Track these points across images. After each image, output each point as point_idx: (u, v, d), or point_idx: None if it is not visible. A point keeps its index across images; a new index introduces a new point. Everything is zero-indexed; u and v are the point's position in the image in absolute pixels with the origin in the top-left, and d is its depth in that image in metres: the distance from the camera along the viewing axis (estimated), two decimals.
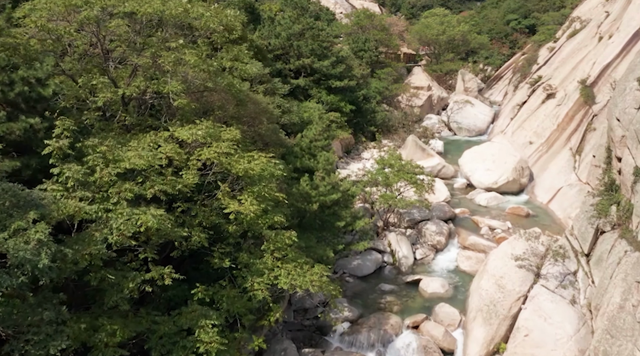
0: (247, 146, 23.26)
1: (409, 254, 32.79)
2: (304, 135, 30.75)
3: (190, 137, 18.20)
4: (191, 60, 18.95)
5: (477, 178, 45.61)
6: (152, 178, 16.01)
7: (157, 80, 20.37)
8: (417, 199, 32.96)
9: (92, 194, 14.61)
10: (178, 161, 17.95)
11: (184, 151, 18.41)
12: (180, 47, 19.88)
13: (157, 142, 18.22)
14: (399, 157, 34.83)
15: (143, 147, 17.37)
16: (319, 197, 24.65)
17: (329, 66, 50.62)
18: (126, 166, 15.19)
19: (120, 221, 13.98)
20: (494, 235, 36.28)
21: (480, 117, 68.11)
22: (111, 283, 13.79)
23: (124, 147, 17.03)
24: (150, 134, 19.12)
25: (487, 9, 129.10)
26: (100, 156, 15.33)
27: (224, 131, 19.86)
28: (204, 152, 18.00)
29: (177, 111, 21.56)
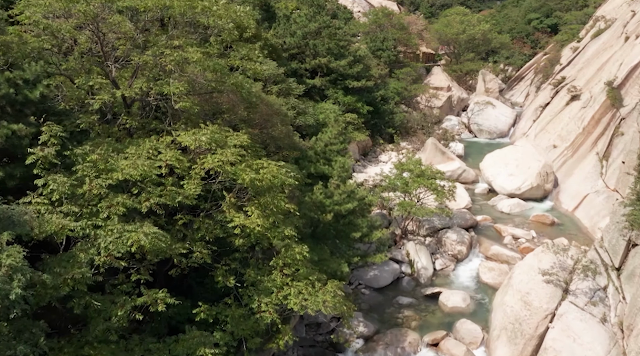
0: (257, 151, 21.76)
1: (429, 264, 31.09)
2: (318, 138, 29.18)
3: (193, 143, 16.74)
4: (194, 57, 17.42)
5: (499, 183, 43.69)
6: (147, 189, 14.53)
7: (160, 80, 19.00)
8: (438, 208, 31.20)
9: (80, 209, 13.12)
10: (180, 169, 16.50)
11: (186, 159, 16.95)
12: (185, 45, 18.42)
13: (158, 149, 16.78)
14: (419, 161, 33.10)
15: (140, 154, 15.94)
16: (333, 206, 23.06)
17: (346, 65, 48.87)
18: (119, 177, 13.70)
19: (109, 239, 12.50)
20: (518, 245, 34.48)
21: (502, 119, 66.06)
22: (98, 309, 12.29)
23: (120, 155, 15.60)
24: (151, 139, 17.71)
25: (508, 8, 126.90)
26: (90, 166, 13.86)
27: (231, 136, 18.37)
28: (208, 160, 16.51)
29: (182, 114, 20.14)
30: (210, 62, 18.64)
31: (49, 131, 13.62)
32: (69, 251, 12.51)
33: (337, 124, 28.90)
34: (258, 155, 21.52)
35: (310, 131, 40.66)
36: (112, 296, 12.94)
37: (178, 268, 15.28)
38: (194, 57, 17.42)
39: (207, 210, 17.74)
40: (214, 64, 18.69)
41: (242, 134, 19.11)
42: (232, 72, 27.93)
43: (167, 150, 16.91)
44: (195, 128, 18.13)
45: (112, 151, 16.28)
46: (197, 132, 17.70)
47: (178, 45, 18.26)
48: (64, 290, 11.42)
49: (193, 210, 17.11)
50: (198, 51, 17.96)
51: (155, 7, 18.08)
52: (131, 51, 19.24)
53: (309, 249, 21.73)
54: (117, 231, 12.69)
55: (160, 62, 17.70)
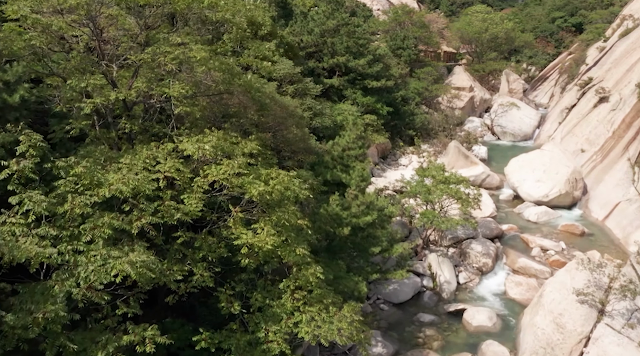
0: (268, 158, 20.01)
1: (452, 278, 29.12)
2: (336, 143, 27.36)
3: (195, 152, 15.01)
4: (197, 56, 15.67)
5: (525, 190, 41.43)
6: (140, 206, 12.79)
7: (163, 81, 17.35)
8: (463, 218, 29.18)
9: (59, 231, 11.39)
10: (180, 181, 14.79)
11: (188, 170, 15.24)
12: (189, 42, 16.69)
13: (156, 158, 15.07)
14: (442, 167, 31.10)
15: (135, 164, 14.24)
16: (350, 219, 21.20)
17: (365, 64, 46.86)
18: (105, 193, 11.96)
19: (90, 267, 10.75)
20: (547, 257, 32.36)
21: (526, 121, 63.70)
22: (75, 351, 10.53)
23: (112, 165, 13.89)
24: (150, 146, 16.01)
25: (530, 6, 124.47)
26: (73, 181, 12.14)
27: (239, 144, 16.64)
28: (211, 171, 14.78)
29: (187, 118, 18.47)
30: (216, 61, 16.87)
31: (27, 141, 11.91)
32: (44, 281, 10.78)
33: (355, 128, 26.98)
34: (269, 163, 19.80)
35: (327, 133, 38.89)
36: (93, 333, 11.17)
37: (175, 294, 13.54)
38: (198, 56, 15.65)
39: (211, 225, 16.07)
40: (220, 63, 16.91)
41: (252, 141, 17.42)
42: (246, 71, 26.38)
43: (168, 159, 15.24)
44: (200, 134, 16.47)
45: (105, 161, 14.63)
46: (201, 139, 16.02)
47: (181, 43, 16.53)
48: (34, 332, 9.70)
49: (195, 225, 15.41)
50: (202, 49, 16.17)
51: (156, 0, 16.38)
52: (132, 49, 17.64)
53: (323, 265, 20.05)
54: (101, 258, 10.97)
55: (160, 62, 15.95)
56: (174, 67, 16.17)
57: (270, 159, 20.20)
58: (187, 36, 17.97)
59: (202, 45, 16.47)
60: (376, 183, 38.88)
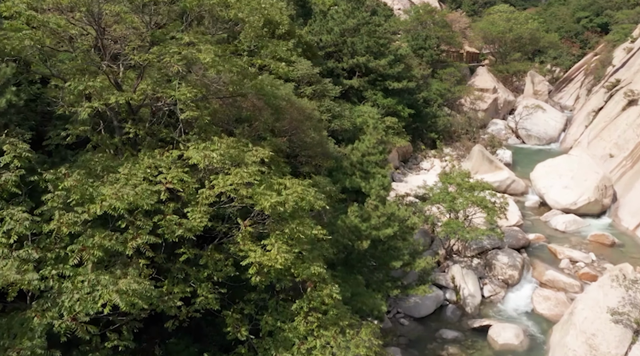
0: (281, 166, 18.69)
1: (476, 291, 27.59)
2: (355, 148, 26.00)
3: (201, 161, 13.75)
4: (207, 58, 14.39)
5: (552, 197, 39.61)
6: (137, 223, 11.53)
7: (171, 82, 16.15)
8: (489, 228, 27.61)
9: (43, 253, 10.15)
10: (184, 193, 13.54)
11: (194, 180, 13.99)
12: (198, 42, 15.42)
13: (159, 167, 13.84)
14: (467, 174, 29.54)
15: (135, 175, 13.01)
16: (370, 231, 19.80)
17: (386, 65, 45.25)
18: (96, 210, 10.70)
19: (76, 296, 9.51)
20: (576, 270, 30.62)
21: (551, 124, 61.71)
22: None
23: (109, 176, 12.67)
24: (154, 153, 14.81)
25: (554, 6, 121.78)
26: (62, 196, 10.90)
27: (250, 151, 15.35)
28: (218, 182, 13.51)
29: (195, 122, 17.23)
30: (226, 62, 15.58)
31: (12, 151, 10.71)
32: (24, 312, 9.54)
33: (376, 132, 25.60)
34: (282, 171, 18.49)
35: (346, 135, 37.50)
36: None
37: (176, 320, 12.27)
38: (206, 58, 14.36)
39: (218, 239, 14.83)
40: (230, 64, 15.62)
41: (264, 148, 16.14)
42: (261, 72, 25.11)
43: (172, 168, 14.00)
44: (208, 141, 15.23)
45: (102, 170, 13.42)
46: (209, 146, 14.78)
47: (190, 43, 15.27)
48: None
49: (203, 236, 14.17)
50: (212, 49, 14.89)
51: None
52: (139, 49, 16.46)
53: (340, 280, 18.74)
54: (89, 284, 9.72)
55: (165, 63, 14.72)
56: (181, 69, 14.95)
57: (284, 167, 18.88)
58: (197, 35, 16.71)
59: (212, 46, 15.16)
60: (397, 188, 37.40)
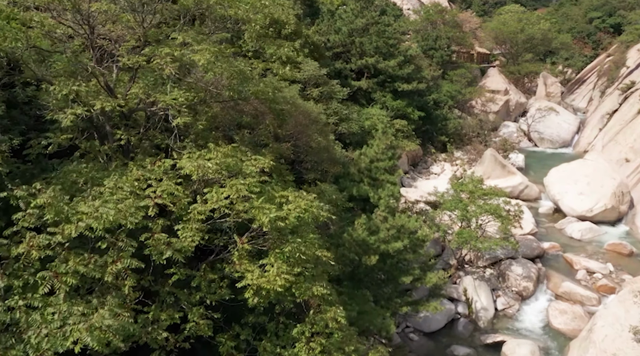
0: (283, 175, 17.50)
1: (489, 304, 26.30)
2: (363, 153, 24.78)
3: (195, 171, 12.57)
4: (201, 60, 13.19)
5: (567, 204, 38.13)
6: (119, 244, 10.34)
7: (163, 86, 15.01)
8: (503, 238, 26.30)
9: (9, 281, 8.98)
10: (175, 208, 12.35)
11: (188, 192, 12.82)
12: (192, 42, 14.22)
13: (148, 179, 12.67)
14: (480, 180, 28.22)
15: (121, 188, 11.84)
16: (378, 244, 18.56)
17: (395, 66, 43.91)
18: (71, 231, 9.52)
19: (44, 331, 8.34)
20: (593, 281, 29.22)
21: (564, 127, 60.18)
22: None
23: (91, 191, 11.50)
24: (146, 162, 13.65)
25: (566, 6, 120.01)
26: (35, 215, 9.72)
27: (249, 160, 14.14)
28: (212, 196, 12.32)
29: (192, 128, 16.08)
30: (224, 64, 14.37)
31: None
32: None
33: (385, 137, 24.31)
34: (284, 180, 17.31)
35: (354, 139, 36.30)
36: None
37: (162, 350, 11.07)
38: (201, 60, 13.17)
39: (214, 256, 13.65)
40: (228, 66, 14.42)
41: (264, 157, 14.95)
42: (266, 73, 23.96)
43: (164, 179, 12.84)
44: (204, 149, 14.07)
45: (85, 183, 12.26)
46: (204, 155, 13.61)
47: (184, 43, 14.08)
48: None
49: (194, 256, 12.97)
50: (207, 50, 13.69)
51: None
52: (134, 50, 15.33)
53: (346, 297, 17.59)
54: (60, 317, 8.55)
55: (156, 65, 13.55)
56: (173, 71, 13.77)
57: (287, 175, 17.68)
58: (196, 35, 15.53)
59: (210, 46, 13.95)
60: (406, 194, 36.15)
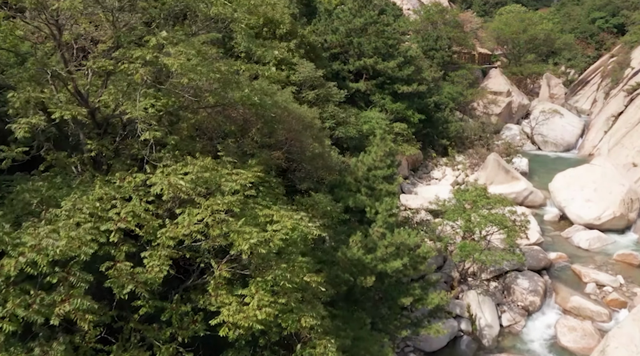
0: (273, 188, 16.00)
1: (494, 320, 24.78)
2: (360, 160, 23.29)
3: (167, 189, 11.10)
4: (175, 64, 11.68)
5: (574, 211, 36.52)
6: (70, 279, 8.87)
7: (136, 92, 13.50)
8: (510, 252, 24.74)
9: None
10: (143, 231, 10.89)
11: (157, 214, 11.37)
12: (167, 43, 12.71)
13: (113, 197, 11.19)
14: (484, 190, 26.69)
15: (80, 210, 10.38)
16: (376, 263, 17.04)
17: (395, 67, 42.36)
18: (9, 269, 8.03)
19: None
20: (603, 295, 27.63)
21: (569, 129, 58.64)
22: None
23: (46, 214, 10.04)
24: (115, 177, 12.19)
25: (568, 6, 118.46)
26: None
27: (230, 175, 12.65)
28: (184, 218, 10.85)
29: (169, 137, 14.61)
30: (204, 68, 12.86)
31: None
32: None
33: (383, 143, 22.83)
34: (273, 193, 15.80)
35: (352, 143, 34.79)
36: None
37: None
38: (174, 64, 11.66)
39: (192, 282, 12.21)
40: (208, 71, 12.90)
41: (250, 169, 13.51)
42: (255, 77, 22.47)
43: (134, 197, 11.39)
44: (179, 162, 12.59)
45: (41, 203, 10.79)
46: (179, 168, 12.15)
47: (160, 44, 12.57)
48: None
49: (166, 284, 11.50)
50: (184, 53, 12.19)
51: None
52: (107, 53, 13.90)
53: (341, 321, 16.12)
54: None
55: (126, 70, 12.08)
56: (146, 77, 12.28)
57: (276, 188, 16.17)
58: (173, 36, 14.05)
59: (185, 48, 12.44)
60: (406, 201, 34.67)
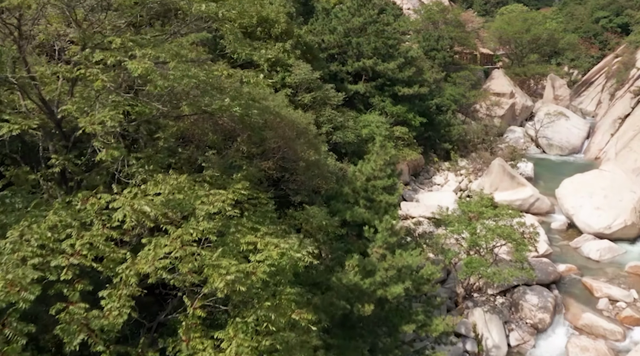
0: (262, 205, 14.35)
1: (501, 340, 23.14)
2: (358, 170, 21.68)
3: (129, 216, 9.52)
4: (138, 69, 10.05)
5: (583, 219, 34.76)
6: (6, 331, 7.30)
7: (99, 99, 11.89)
8: (519, 268, 23.08)
9: None
10: (102, 267, 9.30)
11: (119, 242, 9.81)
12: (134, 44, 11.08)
13: (69, 225, 9.59)
14: (491, 200, 25.07)
15: (28, 242, 8.81)
16: (375, 288, 15.41)
17: (395, 68, 40.63)
18: None
19: None
20: (616, 311, 25.89)
21: (574, 132, 56.97)
22: None
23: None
24: (76, 198, 10.63)
25: (570, 6, 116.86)
26: None
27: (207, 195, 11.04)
28: (147, 253, 9.25)
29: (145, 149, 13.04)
30: (177, 73, 11.24)
31: None
32: None
33: (383, 151, 21.21)
34: (261, 212, 14.13)
35: (350, 149, 33.21)
36: None
37: None
38: (137, 69, 10.04)
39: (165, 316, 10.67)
40: (181, 76, 11.27)
41: (233, 186, 11.93)
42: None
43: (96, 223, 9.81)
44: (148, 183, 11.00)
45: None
46: (150, 189, 10.58)
47: (122, 46, 10.93)
48: None
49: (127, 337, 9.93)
50: (150, 56, 10.57)
51: None
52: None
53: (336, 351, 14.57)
54: None
55: (78, 75, 10.47)
56: (108, 84, 10.66)
57: (264, 205, 14.49)
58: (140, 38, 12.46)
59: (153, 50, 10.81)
60: (407, 210, 33.06)
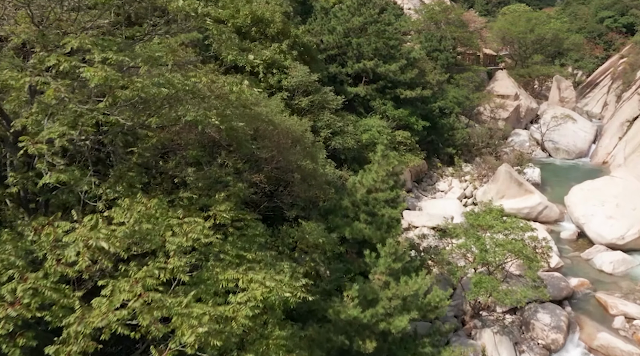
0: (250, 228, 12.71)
1: None
2: (359, 181, 20.09)
3: (83, 254, 7.94)
4: (95, 77, 8.42)
5: (594, 229, 32.97)
6: None
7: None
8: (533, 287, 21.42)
9: None
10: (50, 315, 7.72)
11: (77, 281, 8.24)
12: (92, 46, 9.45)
13: (12, 264, 8.01)
14: (501, 211, 23.41)
15: None
16: (376, 320, 13.76)
17: (396, 70, 38.93)
18: None
19: None
20: (634, 331, 24.19)
21: (581, 135, 55.21)
22: None
23: None
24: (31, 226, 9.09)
25: (574, 5, 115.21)
26: None
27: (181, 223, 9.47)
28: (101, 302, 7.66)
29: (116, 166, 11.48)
30: (146, 81, 9.62)
31: None
32: None
33: (385, 161, 19.61)
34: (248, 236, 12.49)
35: (350, 155, 31.66)
36: None
37: None
38: (94, 77, 8.41)
39: None
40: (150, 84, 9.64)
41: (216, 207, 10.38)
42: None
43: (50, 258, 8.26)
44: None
45: None
46: (115, 216, 9.01)
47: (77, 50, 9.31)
48: None
49: None
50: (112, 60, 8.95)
51: None
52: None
53: None
54: None
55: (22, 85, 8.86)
56: (63, 94, 9.05)
57: (254, 227, 12.84)
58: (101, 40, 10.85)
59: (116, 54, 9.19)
60: (410, 219, 31.44)
